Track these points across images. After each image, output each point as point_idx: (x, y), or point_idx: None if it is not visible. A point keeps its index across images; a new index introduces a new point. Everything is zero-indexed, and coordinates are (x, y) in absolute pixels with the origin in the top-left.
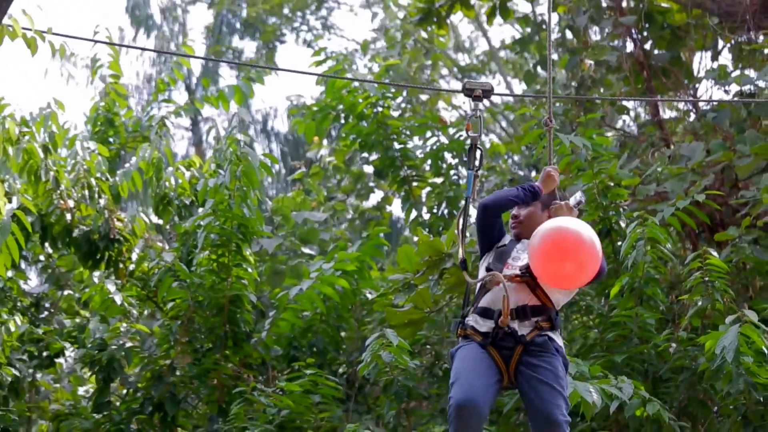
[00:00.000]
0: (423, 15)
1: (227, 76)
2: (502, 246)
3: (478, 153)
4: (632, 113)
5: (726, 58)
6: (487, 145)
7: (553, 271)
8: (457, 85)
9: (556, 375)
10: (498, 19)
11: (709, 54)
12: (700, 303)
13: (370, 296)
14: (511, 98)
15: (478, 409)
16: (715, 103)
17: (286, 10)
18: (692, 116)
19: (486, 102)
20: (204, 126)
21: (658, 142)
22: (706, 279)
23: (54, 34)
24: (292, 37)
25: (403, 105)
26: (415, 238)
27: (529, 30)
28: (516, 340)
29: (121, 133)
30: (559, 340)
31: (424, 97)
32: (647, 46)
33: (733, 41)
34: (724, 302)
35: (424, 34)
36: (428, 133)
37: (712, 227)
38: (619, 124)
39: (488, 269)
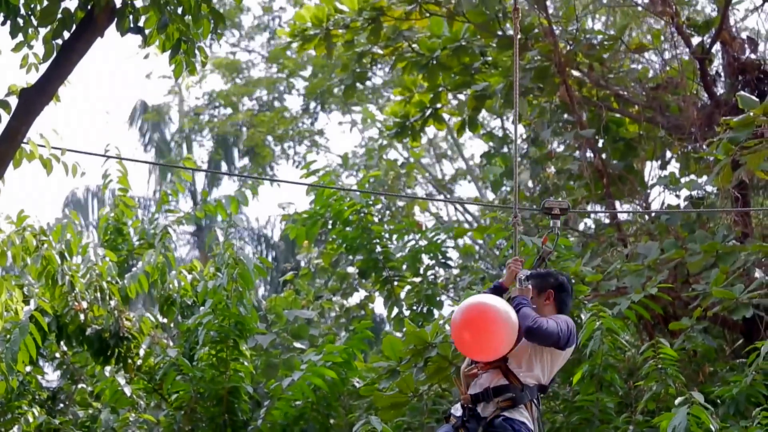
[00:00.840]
0: (399, 129)
1: (227, 190)
2: None
3: (542, 264)
4: (593, 217)
5: (674, 167)
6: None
7: (455, 336)
8: (433, 193)
9: None
10: (471, 133)
11: (658, 163)
12: (654, 388)
13: (357, 385)
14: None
15: None
16: (667, 207)
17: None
18: (647, 218)
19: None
20: (206, 232)
21: (617, 242)
22: (660, 366)
23: (69, 150)
24: (283, 161)
25: (382, 211)
26: (398, 334)
27: (493, 144)
28: (478, 422)
29: (129, 240)
30: (522, 417)
31: (401, 204)
32: (604, 156)
33: (680, 151)
34: (676, 387)
35: (399, 147)
36: (407, 237)
37: (667, 319)
38: (581, 226)
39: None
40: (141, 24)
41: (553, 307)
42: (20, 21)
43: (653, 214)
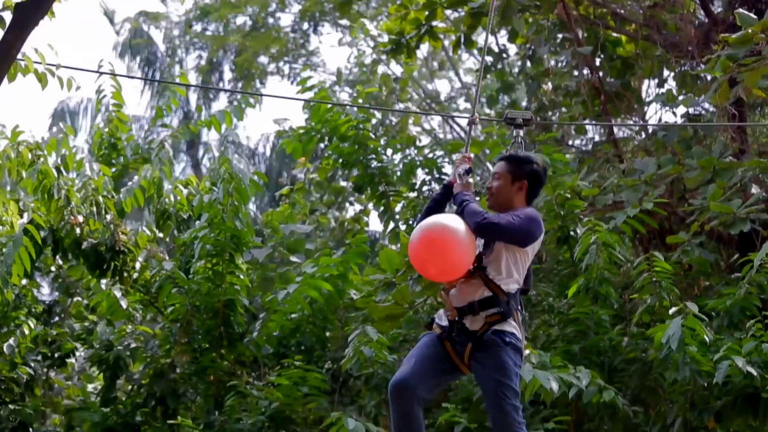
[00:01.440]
0: (394, 46)
1: (220, 106)
2: None
3: None
4: (589, 133)
5: (671, 85)
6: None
7: (420, 271)
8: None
9: (502, 368)
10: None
11: (655, 81)
12: (648, 301)
13: (353, 298)
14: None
15: (410, 390)
16: (664, 124)
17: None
18: (643, 135)
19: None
20: (201, 149)
21: (613, 158)
22: (654, 279)
23: (64, 67)
24: (274, 79)
25: (376, 126)
26: (393, 247)
27: (491, 59)
28: (467, 336)
29: (124, 155)
30: (511, 327)
31: (394, 119)
32: (601, 74)
33: (678, 70)
34: (670, 300)
35: (393, 62)
36: (403, 153)
37: (663, 234)
38: (576, 143)
39: None
40: None
41: (523, 197)
42: None
43: (650, 131)
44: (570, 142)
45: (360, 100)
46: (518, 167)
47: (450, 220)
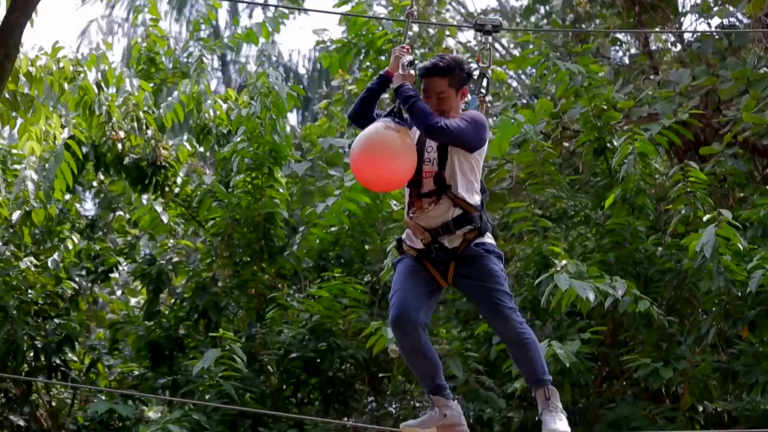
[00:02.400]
0: None
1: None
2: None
3: (485, 81)
4: (624, 45)
5: None
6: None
7: (369, 188)
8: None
9: (490, 275)
10: None
11: None
12: (683, 211)
13: (395, 208)
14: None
15: (411, 320)
16: (699, 34)
17: None
18: (678, 47)
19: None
20: (233, 67)
21: (648, 70)
22: (689, 190)
23: None
24: None
25: (413, 39)
26: None
27: None
28: (448, 254)
29: (163, 70)
30: (488, 239)
31: (431, 31)
32: None
33: None
34: (704, 210)
35: None
36: None
37: (697, 145)
38: (612, 55)
39: None
40: None
41: (464, 95)
42: None
43: (685, 43)
44: (607, 54)
45: (397, 15)
46: (457, 76)
47: (386, 131)
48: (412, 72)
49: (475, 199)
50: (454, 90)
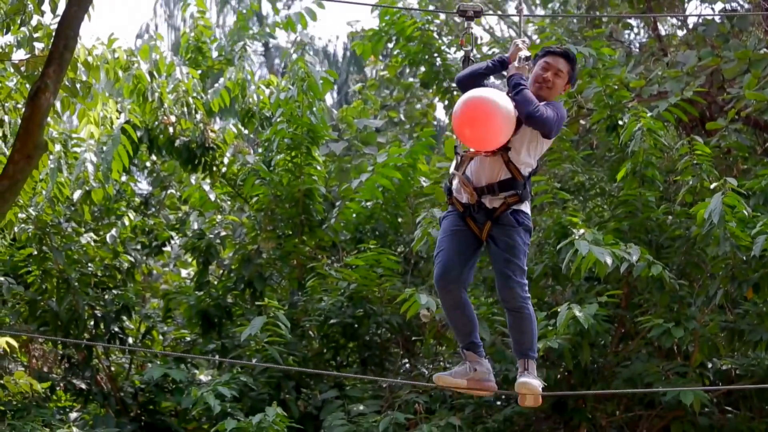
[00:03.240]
0: None
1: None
2: None
3: (468, 62)
4: (635, 29)
5: None
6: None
7: (458, 133)
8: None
9: (513, 247)
10: None
11: None
12: (690, 182)
13: (424, 184)
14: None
15: (454, 278)
16: (704, 18)
17: None
18: (685, 31)
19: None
20: (275, 53)
21: (658, 52)
22: (695, 162)
23: None
24: None
25: (441, 26)
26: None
27: None
28: (486, 214)
29: (209, 57)
30: (526, 208)
31: (458, 19)
32: None
33: None
34: (710, 180)
35: None
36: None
37: (703, 121)
38: (624, 39)
39: None
40: None
41: (565, 89)
42: None
43: (691, 27)
44: (619, 38)
45: (426, 5)
46: (574, 70)
47: (501, 96)
48: (527, 66)
49: (526, 170)
50: (567, 78)
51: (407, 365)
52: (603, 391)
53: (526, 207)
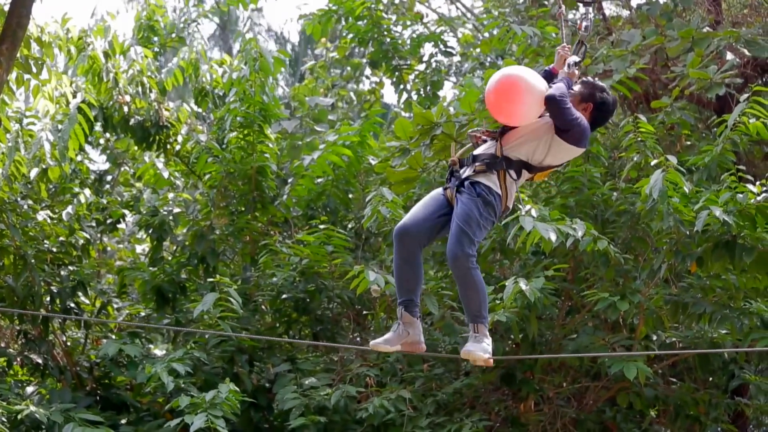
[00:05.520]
0: None
1: None
2: None
3: (582, 47)
4: (581, 9)
5: None
6: (460, 35)
7: (486, 97)
8: None
9: (467, 215)
10: None
11: None
12: (635, 158)
13: (372, 163)
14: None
15: (412, 234)
16: None
17: None
18: (630, 10)
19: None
20: (231, 35)
21: (603, 31)
22: (640, 139)
23: None
24: None
25: (387, 5)
26: (406, 115)
27: None
28: (457, 181)
29: (161, 36)
30: (490, 182)
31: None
32: None
33: None
34: (654, 157)
35: None
36: (411, 28)
37: (648, 99)
38: (570, 17)
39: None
40: None
41: (585, 117)
42: None
43: (635, 6)
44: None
45: None
46: (590, 91)
47: (539, 78)
48: (576, 71)
49: (509, 154)
50: (579, 97)
51: (358, 339)
52: (550, 355)
53: (490, 180)
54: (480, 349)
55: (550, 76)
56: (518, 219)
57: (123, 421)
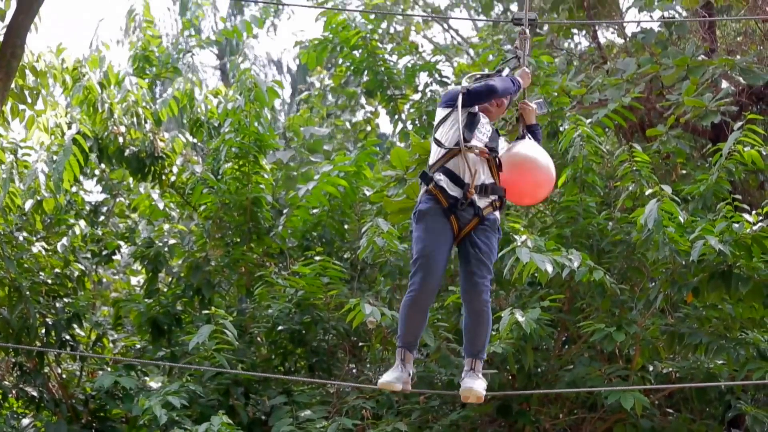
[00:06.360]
0: None
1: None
2: (473, 112)
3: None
4: (576, 38)
5: None
6: (455, 65)
7: (525, 194)
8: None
9: (489, 250)
10: None
11: None
12: (630, 188)
13: (368, 193)
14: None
15: (436, 287)
16: (643, 26)
17: None
18: (623, 40)
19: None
20: (228, 64)
21: (598, 59)
22: (635, 168)
23: None
24: None
25: (383, 35)
26: (402, 145)
27: None
28: (474, 212)
29: (156, 66)
30: (497, 213)
31: (399, 27)
32: None
33: None
34: (650, 186)
35: None
36: (407, 58)
37: (644, 128)
38: (565, 46)
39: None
40: None
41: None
42: None
43: (630, 35)
44: (559, 47)
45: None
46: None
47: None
48: (544, 109)
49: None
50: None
51: (354, 370)
52: (547, 390)
53: (497, 213)
54: (481, 386)
55: (518, 90)
56: (514, 250)
57: None
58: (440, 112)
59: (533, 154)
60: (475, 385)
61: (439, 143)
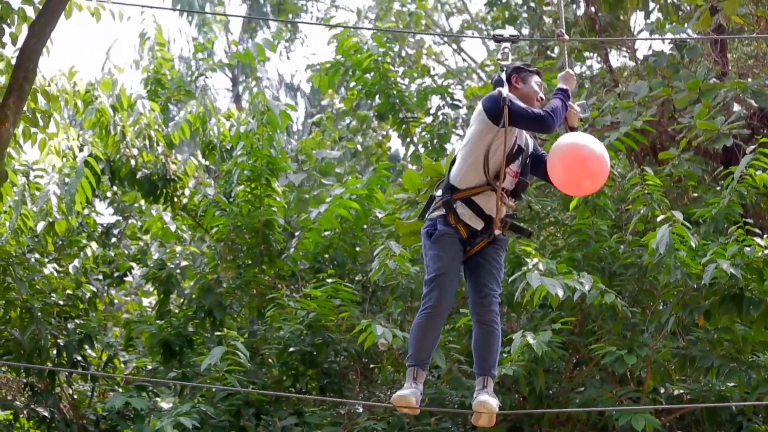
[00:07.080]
0: None
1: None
2: (518, 145)
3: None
4: (588, 62)
5: (656, 15)
6: (466, 87)
7: (574, 184)
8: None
9: (499, 267)
10: None
11: (642, 13)
12: (642, 211)
13: (380, 216)
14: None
15: (448, 308)
16: (655, 49)
17: None
18: (634, 63)
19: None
20: (242, 86)
21: (609, 83)
22: (646, 192)
23: (114, 2)
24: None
25: (394, 58)
26: (414, 168)
27: None
28: (488, 236)
29: (168, 89)
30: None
31: (411, 51)
32: (593, 9)
33: (662, 1)
34: (661, 210)
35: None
36: (419, 81)
37: (656, 151)
38: (577, 70)
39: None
40: None
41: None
42: None
43: (642, 58)
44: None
45: (381, 37)
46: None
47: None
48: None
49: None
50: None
51: (365, 392)
52: (558, 410)
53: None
54: (494, 402)
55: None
56: (525, 275)
57: None
58: (480, 122)
59: (592, 144)
60: (489, 400)
61: (480, 168)
